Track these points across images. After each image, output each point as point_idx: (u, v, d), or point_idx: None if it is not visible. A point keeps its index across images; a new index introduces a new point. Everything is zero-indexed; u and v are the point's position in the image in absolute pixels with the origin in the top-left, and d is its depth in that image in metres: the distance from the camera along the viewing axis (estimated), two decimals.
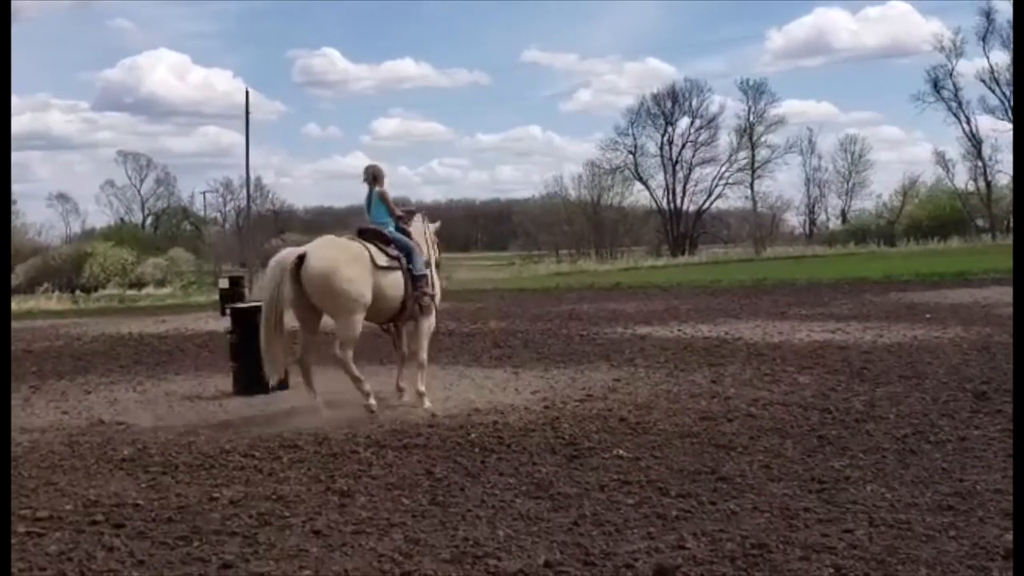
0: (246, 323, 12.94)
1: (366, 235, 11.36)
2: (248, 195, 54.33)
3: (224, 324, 15.05)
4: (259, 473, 8.22)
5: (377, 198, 11.64)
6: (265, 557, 5.99)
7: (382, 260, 11.04)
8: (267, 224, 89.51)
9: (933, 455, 7.93)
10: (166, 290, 54.86)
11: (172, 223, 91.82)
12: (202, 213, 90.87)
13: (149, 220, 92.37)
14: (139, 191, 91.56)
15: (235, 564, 5.88)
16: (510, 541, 6.12)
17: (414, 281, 11.27)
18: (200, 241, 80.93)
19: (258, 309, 13.18)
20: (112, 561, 6.04)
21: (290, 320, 10.96)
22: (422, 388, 11.32)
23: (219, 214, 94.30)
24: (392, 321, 11.76)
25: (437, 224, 12.73)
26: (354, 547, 6.11)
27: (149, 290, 55.18)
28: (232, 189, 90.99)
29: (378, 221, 11.55)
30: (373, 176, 11.73)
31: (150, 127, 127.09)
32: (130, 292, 53.03)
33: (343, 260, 10.72)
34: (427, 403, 11.12)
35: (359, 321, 10.89)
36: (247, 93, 43.68)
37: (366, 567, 5.75)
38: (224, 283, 28.25)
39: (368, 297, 10.79)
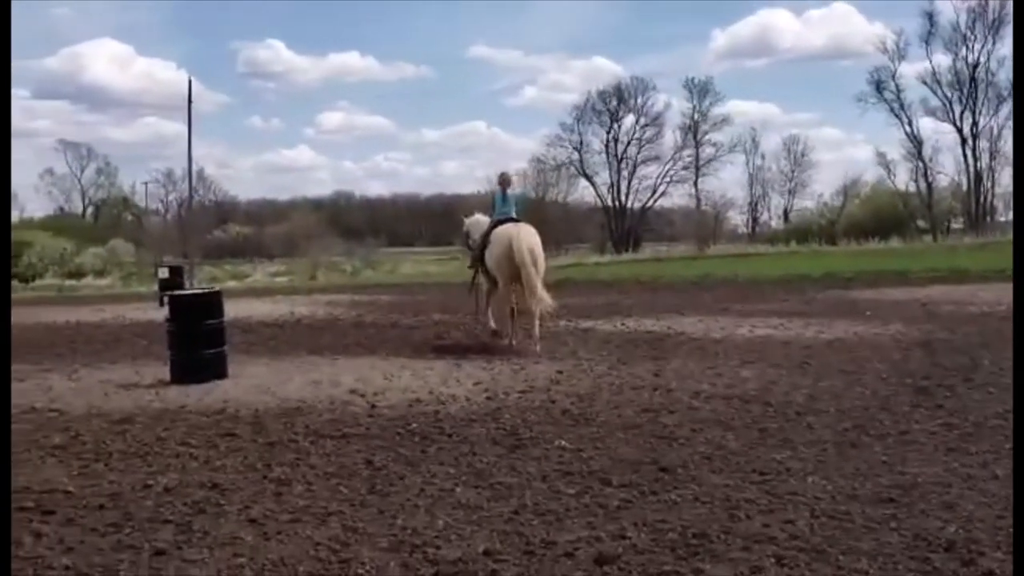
0: (184, 312, 12.76)
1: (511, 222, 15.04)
2: (190, 186, 53.70)
3: (163, 313, 14.80)
4: (195, 461, 8.09)
5: (512, 197, 15.84)
6: (199, 545, 5.87)
7: None
8: (209, 215, 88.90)
9: (873, 448, 7.94)
10: (105, 280, 54.04)
11: (113, 213, 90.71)
12: (143, 204, 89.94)
13: (89, 210, 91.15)
14: (79, 180, 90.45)
15: (168, 551, 5.75)
16: (449, 530, 6.04)
17: None
18: (141, 231, 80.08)
19: (196, 297, 13.04)
20: (40, 547, 5.90)
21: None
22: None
23: (160, 204, 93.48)
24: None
25: None
26: (290, 535, 6.01)
27: (88, 280, 54.23)
28: (174, 180, 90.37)
29: (512, 214, 15.40)
30: (508, 180, 16.35)
31: (90, 116, 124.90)
32: (69, 282, 52.04)
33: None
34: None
35: None
36: (190, 82, 43.03)
37: (302, 555, 5.64)
38: (164, 272, 27.89)
39: None
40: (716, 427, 8.89)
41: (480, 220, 16.80)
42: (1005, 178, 72.31)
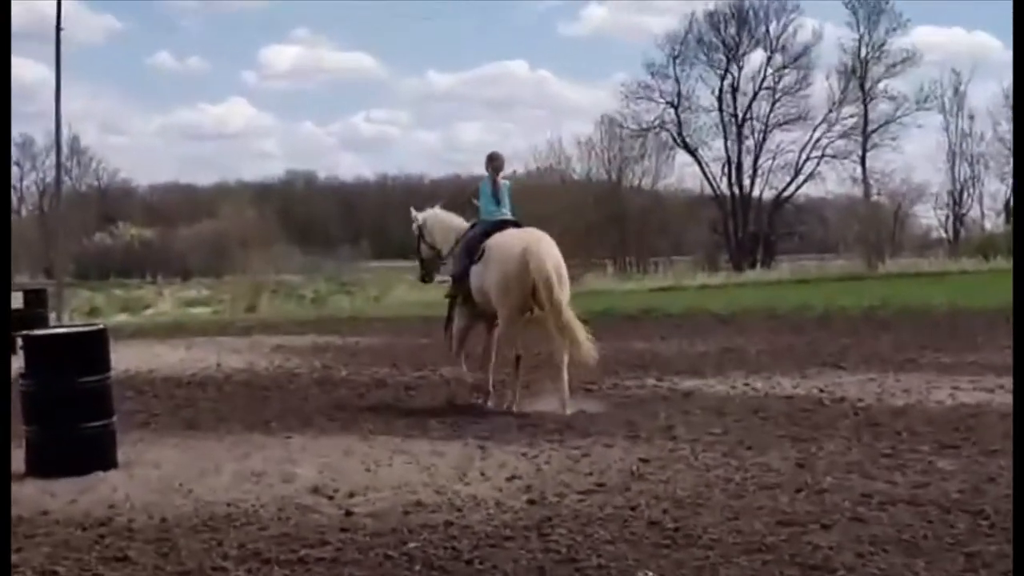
0: (49, 362, 12.80)
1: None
2: (58, 162, 54.03)
3: (16, 364, 14.93)
4: None
5: (507, 190, 16.87)
6: None
7: None
8: (89, 209, 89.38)
9: None
10: None
11: None
12: None
13: None
14: None
15: None
16: None
17: None
18: None
19: (67, 339, 13.12)
20: None
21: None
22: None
23: (13, 192, 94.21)
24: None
25: None
26: None
27: None
28: (33, 153, 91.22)
29: (509, 216, 16.80)
30: (501, 165, 17.15)
31: None
32: None
33: None
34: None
35: None
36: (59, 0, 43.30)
37: None
38: (17, 300, 28.06)
39: None
40: (897, 551, 8.88)
41: (442, 218, 17.94)
42: None
